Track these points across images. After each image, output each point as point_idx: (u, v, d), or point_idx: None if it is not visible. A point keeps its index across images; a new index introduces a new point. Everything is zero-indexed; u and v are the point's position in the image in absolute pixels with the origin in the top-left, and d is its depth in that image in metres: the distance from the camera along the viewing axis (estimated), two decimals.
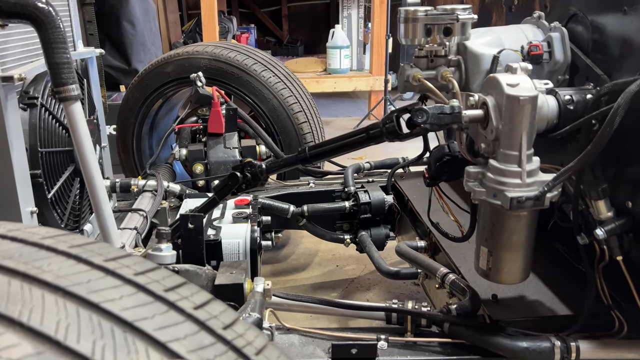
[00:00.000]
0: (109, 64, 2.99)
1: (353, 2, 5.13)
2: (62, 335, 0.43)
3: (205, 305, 0.54)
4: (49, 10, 1.06)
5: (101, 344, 0.44)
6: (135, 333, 0.46)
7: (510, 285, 1.29)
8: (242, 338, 0.52)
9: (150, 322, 0.48)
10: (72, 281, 0.49)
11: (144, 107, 2.31)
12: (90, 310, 0.47)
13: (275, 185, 2.05)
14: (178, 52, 2.24)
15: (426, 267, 1.39)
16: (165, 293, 0.52)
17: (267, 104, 2.15)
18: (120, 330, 0.46)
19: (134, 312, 0.48)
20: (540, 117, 0.97)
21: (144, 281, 0.52)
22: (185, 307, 0.52)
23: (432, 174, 1.18)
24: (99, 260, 0.53)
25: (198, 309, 0.53)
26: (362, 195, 1.90)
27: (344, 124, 4.63)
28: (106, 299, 0.48)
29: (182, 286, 0.55)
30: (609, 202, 0.95)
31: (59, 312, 0.45)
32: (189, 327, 0.50)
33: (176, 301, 0.52)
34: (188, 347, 0.47)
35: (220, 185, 1.13)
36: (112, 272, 0.52)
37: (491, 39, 1.10)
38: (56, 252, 0.53)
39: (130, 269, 0.54)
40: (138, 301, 0.50)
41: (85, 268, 0.52)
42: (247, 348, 0.52)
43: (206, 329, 0.51)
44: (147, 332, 0.47)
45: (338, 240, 1.98)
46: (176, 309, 0.51)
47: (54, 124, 1.32)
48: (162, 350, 0.46)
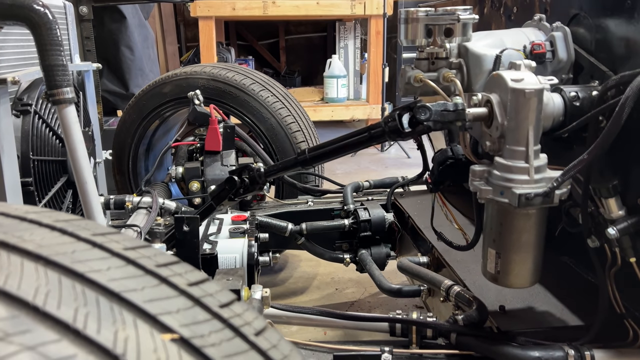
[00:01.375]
0: (106, 88, 2.99)
1: (349, 33, 5.20)
2: (41, 301, 0.39)
3: (200, 283, 0.50)
4: (45, 12, 1.05)
5: (84, 311, 0.40)
6: (122, 304, 0.42)
7: (518, 296, 1.25)
8: (240, 317, 0.48)
9: (140, 294, 0.44)
10: (55, 251, 0.45)
11: (141, 128, 2.29)
12: (74, 279, 0.43)
13: (273, 203, 2.01)
14: (176, 72, 2.24)
15: (430, 280, 1.34)
16: (156, 268, 0.48)
17: (265, 123, 2.14)
18: (106, 300, 0.42)
19: (122, 284, 0.44)
20: (546, 114, 0.95)
21: (134, 256, 0.49)
22: (179, 283, 0.48)
23: (435, 178, 1.15)
24: (85, 233, 0.49)
25: (192, 286, 0.49)
26: (362, 212, 1.86)
27: None
28: (92, 269, 0.44)
29: (176, 264, 0.51)
30: (619, 200, 0.92)
31: (38, 279, 0.41)
32: (182, 302, 0.46)
33: (168, 276, 0.48)
34: (181, 321, 0.43)
35: (217, 190, 1.09)
36: (100, 246, 0.48)
37: (493, 40, 1.09)
38: (40, 224, 0.49)
39: (120, 244, 0.50)
40: (127, 273, 0.46)
41: (71, 240, 0.48)
42: (245, 328, 0.47)
43: (201, 305, 0.47)
44: (135, 303, 0.42)
45: (337, 260, 1.93)
46: (168, 284, 0.47)
47: (47, 133, 1.29)
48: (152, 323, 0.42)
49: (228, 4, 4.42)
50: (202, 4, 4.34)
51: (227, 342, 0.44)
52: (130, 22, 2.97)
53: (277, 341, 0.49)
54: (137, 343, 0.39)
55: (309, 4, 4.60)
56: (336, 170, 4.10)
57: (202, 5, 4.34)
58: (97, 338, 0.38)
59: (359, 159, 4.47)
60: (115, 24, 2.91)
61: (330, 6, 4.61)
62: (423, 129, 0.94)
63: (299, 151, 1.05)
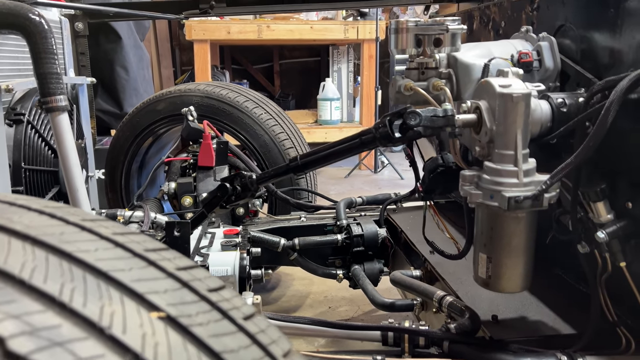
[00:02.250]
0: (100, 108, 3.00)
1: (343, 57, 5.28)
2: (27, 275, 0.39)
3: (189, 269, 0.50)
4: (40, 21, 1.07)
5: (70, 286, 0.39)
6: (109, 282, 0.42)
7: (510, 306, 1.25)
8: (229, 302, 0.48)
9: (128, 274, 0.44)
10: (44, 232, 0.45)
11: (134, 145, 2.30)
12: (61, 257, 0.43)
13: (266, 219, 2.01)
14: (170, 90, 2.25)
15: (422, 291, 1.34)
16: (145, 252, 0.48)
17: (258, 140, 2.15)
18: (93, 278, 0.42)
19: (110, 264, 0.44)
20: (534, 120, 0.97)
21: (122, 240, 0.49)
22: (167, 266, 0.48)
23: (427, 186, 1.15)
24: (74, 218, 0.49)
25: (181, 270, 0.48)
26: (355, 227, 1.86)
27: (335, 174, 4.65)
28: (79, 249, 0.44)
29: (165, 250, 0.51)
30: (608, 204, 0.93)
31: (25, 255, 0.41)
32: (170, 283, 0.46)
33: (157, 260, 0.48)
34: (168, 301, 0.43)
35: (208, 198, 1.09)
36: (89, 230, 0.48)
37: (481, 51, 1.11)
38: (29, 209, 0.49)
39: (109, 229, 0.50)
40: (115, 255, 0.46)
41: (59, 223, 0.48)
42: (233, 311, 0.47)
43: (189, 288, 0.46)
44: (123, 282, 0.42)
45: (330, 276, 1.92)
46: (156, 267, 0.47)
47: (39, 143, 1.30)
48: (139, 301, 0.42)
49: (223, 28, 4.48)
50: (198, 28, 4.40)
51: (215, 323, 0.44)
52: (126, 43, 3.00)
53: (265, 326, 0.49)
54: (123, 318, 0.39)
55: (302, 28, 4.67)
56: (330, 191, 4.11)
57: (197, 28, 4.40)
58: (82, 311, 0.38)
59: (352, 180, 4.49)
60: (111, 44, 2.94)
61: (323, 30, 4.68)
62: (413, 134, 0.95)
63: (291, 158, 1.06)
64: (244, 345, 0.44)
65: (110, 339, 0.37)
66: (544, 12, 1.15)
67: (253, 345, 0.45)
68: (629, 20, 0.93)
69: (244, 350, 0.43)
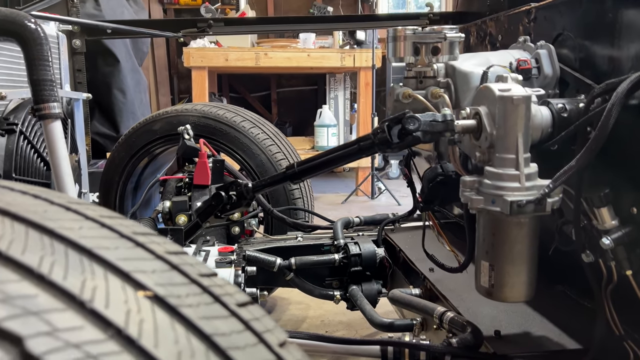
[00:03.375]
0: (96, 130, 2.99)
1: (339, 84, 5.32)
2: (4, 246, 0.36)
3: (179, 253, 0.47)
4: (36, 28, 1.06)
5: (50, 259, 0.37)
6: (93, 259, 0.39)
7: (513, 321, 1.21)
8: (221, 288, 0.45)
9: (113, 252, 0.41)
10: (25, 209, 0.43)
11: (129, 166, 2.28)
12: (43, 233, 0.40)
13: (262, 239, 1.97)
14: (167, 110, 2.25)
15: (422, 308, 1.30)
16: (133, 235, 0.46)
17: (255, 159, 2.13)
18: (76, 253, 0.39)
19: (95, 241, 0.41)
20: (534, 125, 0.95)
21: (110, 222, 0.46)
22: (156, 249, 0.45)
23: (426, 196, 1.13)
24: (60, 200, 0.47)
25: (171, 254, 0.46)
26: (352, 247, 1.83)
27: (332, 199, 4.62)
28: (63, 227, 0.41)
29: (154, 235, 0.48)
30: (612, 210, 0.91)
31: (3, 229, 0.39)
32: (158, 265, 0.43)
33: (145, 243, 0.45)
34: (156, 281, 0.40)
35: (202, 207, 1.07)
36: (74, 210, 0.46)
37: (479, 60, 1.11)
38: (12, 190, 0.47)
39: (96, 211, 0.47)
40: (101, 234, 0.43)
41: (43, 203, 0.45)
42: (226, 297, 0.44)
43: (178, 271, 0.44)
44: (108, 259, 0.40)
45: (327, 297, 1.87)
46: (145, 248, 0.44)
47: (32, 155, 1.28)
48: (125, 278, 0.39)
49: (221, 55, 4.53)
50: (196, 54, 4.44)
51: (206, 306, 0.41)
52: (124, 66, 3.01)
53: (260, 315, 0.46)
54: (106, 293, 0.36)
55: (300, 56, 4.72)
56: (327, 216, 4.07)
57: (195, 55, 4.44)
58: (62, 283, 0.35)
59: (349, 206, 4.46)
60: (109, 67, 2.95)
61: (320, 58, 4.73)
62: (412, 139, 0.94)
63: (288, 165, 1.04)
64: (237, 330, 0.41)
65: (91, 313, 0.34)
66: (541, 23, 1.15)
67: (247, 331, 0.42)
68: (627, 26, 0.92)
69: (236, 335, 0.40)
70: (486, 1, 1.77)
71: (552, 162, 0.96)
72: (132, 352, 0.33)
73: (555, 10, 1.10)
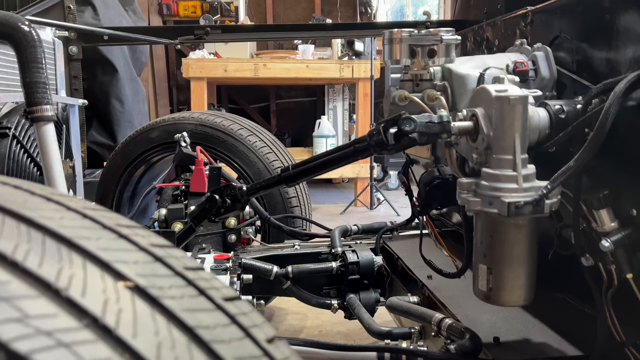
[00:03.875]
0: (94, 140, 2.98)
1: (338, 95, 5.33)
2: None
3: (164, 247, 0.45)
4: (29, 31, 1.05)
5: (26, 247, 0.35)
6: (72, 248, 0.38)
7: (513, 328, 1.19)
8: (207, 282, 0.44)
9: (94, 242, 0.40)
10: (5, 199, 0.41)
11: (126, 174, 2.26)
12: (20, 221, 0.39)
13: (259, 247, 1.95)
14: (164, 118, 2.24)
15: (420, 315, 1.28)
16: (117, 227, 0.44)
17: (252, 167, 2.12)
18: (54, 242, 0.38)
19: (75, 231, 0.40)
20: (532, 127, 0.94)
21: (92, 214, 0.45)
22: (140, 241, 0.44)
23: (423, 200, 1.12)
24: (42, 192, 0.46)
25: (155, 247, 0.44)
26: (350, 255, 1.81)
27: (331, 210, 4.60)
28: (42, 216, 0.40)
29: (138, 228, 0.47)
30: (611, 212, 0.89)
31: None
32: (141, 256, 0.42)
33: (129, 235, 0.44)
34: (137, 271, 0.39)
35: (196, 210, 1.05)
36: (56, 202, 0.44)
37: (476, 63, 1.10)
38: None
39: (79, 204, 0.46)
40: (82, 225, 0.42)
41: (23, 193, 0.44)
42: (212, 291, 0.43)
43: (162, 263, 0.42)
44: (87, 249, 0.38)
45: (324, 306, 1.85)
46: (128, 240, 0.43)
47: (24, 159, 1.26)
48: (104, 268, 0.37)
49: (220, 66, 4.54)
50: (195, 65, 4.45)
51: (190, 298, 0.40)
52: (122, 76, 3.02)
53: (248, 310, 0.44)
54: (84, 282, 0.35)
55: (298, 67, 4.73)
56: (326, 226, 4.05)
57: (194, 66, 4.45)
58: (37, 270, 0.33)
59: (348, 217, 4.44)
60: (107, 76, 2.95)
61: (319, 69, 4.74)
62: (408, 141, 0.92)
63: (283, 167, 1.02)
64: (222, 324, 0.40)
65: (66, 301, 0.32)
66: (537, 26, 1.15)
67: (232, 325, 0.40)
68: (624, 27, 0.92)
69: (221, 329, 0.39)
70: (483, 9, 1.77)
71: (550, 165, 0.94)
72: (109, 341, 0.31)
73: (552, 13, 1.10)
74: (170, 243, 0.47)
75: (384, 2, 6.93)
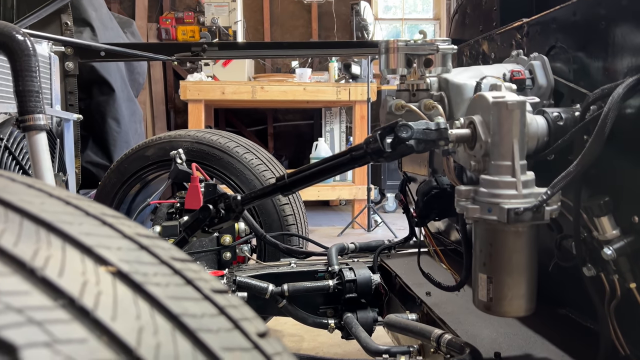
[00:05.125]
0: (90, 160, 2.97)
1: (335, 117, 5.35)
2: None
3: (151, 237, 0.43)
4: (24, 40, 1.05)
5: (1, 227, 0.33)
6: (52, 231, 0.36)
7: (514, 343, 1.16)
8: (195, 273, 0.42)
9: (77, 227, 0.38)
10: None
11: (120, 192, 2.24)
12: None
13: (254, 265, 1.92)
14: (160, 136, 2.23)
15: (419, 332, 1.25)
16: (101, 215, 0.42)
17: (248, 185, 2.10)
18: (32, 224, 0.36)
19: (56, 216, 0.38)
20: (530, 134, 0.93)
21: (76, 202, 0.43)
22: (125, 230, 0.42)
23: (421, 211, 1.10)
24: (25, 180, 0.44)
25: (141, 236, 0.42)
26: (347, 272, 1.78)
27: (328, 232, 4.57)
28: (22, 200, 0.38)
29: (124, 219, 0.45)
30: (613, 219, 0.88)
31: None
32: (125, 243, 0.40)
33: (114, 223, 0.42)
34: (120, 257, 0.37)
35: (189, 220, 1.03)
36: (37, 188, 0.42)
37: (473, 73, 1.09)
38: None
39: (62, 193, 0.44)
40: (64, 210, 0.40)
41: (5, 180, 0.42)
42: (200, 282, 0.41)
43: (148, 252, 0.40)
44: (69, 233, 0.36)
45: (321, 325, 1.81)
46: (112, 228, 0.41)
47: (16, 170, 1.24)
48: (85, 252, 0.35)
49: (218, 88, 4.56)
50: (193, 88, 4.47)
51: (176, 287, 0.38)
52: (119, 96, 3.02)
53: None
54: (62, 263, 0.32)
55: (296, 89, 4.76)
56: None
57: (192, 89, 4.47)
58: (11, 249, 0.31)
59: (345, 239, 4.41)
60: (104, 96, 2.95)
61: (316, 92, 4.77)
62: (405, 148, 0.91)
63: (278, 176, 1.01)
64: (210, 314, 0.37)
65: (41, 281, 0.30)
66: (533, 37, 1.15)
67: (221, 315, 0.38)
68: (620, 35, 0.92)
69: (208, 318, 0.37)
70: (479, 27, 1.79)
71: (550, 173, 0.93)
72: (85, 322, 0.29)
73: (547, 24, 1.10)
74: (157, 236, 0.45)
75: (380, 28, 7.03)
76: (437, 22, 7.12)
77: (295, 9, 6.63)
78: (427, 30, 7.04)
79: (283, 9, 6.62)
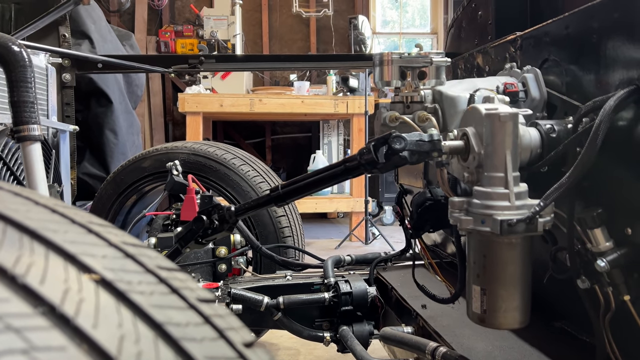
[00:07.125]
0: (87, 171, 2.97)
1: (333, 130, 5.37)
2: None
3: (138, 246, 0.43)
4: (20, 51, 1.05)
5: None
6: (35, 238, 0.36)
7: (509, 357, 1.15)
8: (181, 282, 0.41)
9: (61, 235, 0.37)
10: None
11: (117, 204, 2.24)
12: None
13: (250, 277, 1.91)
14: (157, 147, 2.23)
15: (414, 344, 1.24)
16: (88, 223, 0.42)
17: (245, 196, 2.10)
18: (15, 232, 0.35)
19: (41, 224, 0.38)
20: (523, 146, 0.93)
21: (62, 210, 0.43)
22: (111, 238, 0.41)
23: (415, 222, 1.10)
24: (10, 188, 0.44)
25: (128, 245, 0.42)
26: (343, 285, 1.77)
27: (326, 245, 4.56)
28: (7, 208, 0.38)
29: (112, 227, 0.45)
30: (606, 231, 0.87)
31: None
32: (111, 251, 0.39)
33: (100, 232, 0.42)
34: (105, 265, 0.37)
35: (183, 231, 1.03)
36: (26, 197, 0.42)
37: (466, 85, 1.10)
38: None
39: (49, 201, 0.44)
40: (50, 218, 0.40)
41: None
42: (186, 291, 0.40)
43: (133, 260, 0.40)
44: (52, 241, 0.36)
45: (316, 338, 1.79)
46: (98, 236, 0.41)
47: (10, 181, 1.24)
48: (69, 259, 0.35)
49: (216, 101, 4.57)
50: (191, 100, 4.49)
51: (161, 295, 0.37)
52: (117, 107, 3.03)
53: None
54: (43, 270, 0.32)
55: (294, 102, 4.77)
56: None
57: (190, 101, 4.49)
58: None
59: (343, 252, 4.39)
60: (101, 108, 2.96)
61: (314, 105, 4.78)
62: (399, 159, 0.91)
63: (272, 187, 1.01)
64: (194, 323, 0.37)
65: (22, 288, 0.30)
66: (527, 50, 1.16)
67: (206, 325, 0.38)
68: (612, 48, 0.92)
69: (193, 327, 0.36)
70: (474, 41, 1.80)
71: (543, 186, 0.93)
72: (65, 330, 0.29)
73: (541, 37, 1.11)
74: (145, 245, 0.45)
75: (378, 42, 7.09)
76: (434, 36, 7.18)
77: (294, 23, 6.68)
78: (425, 44, 7.10)
79: (282, 23, 6.67)
